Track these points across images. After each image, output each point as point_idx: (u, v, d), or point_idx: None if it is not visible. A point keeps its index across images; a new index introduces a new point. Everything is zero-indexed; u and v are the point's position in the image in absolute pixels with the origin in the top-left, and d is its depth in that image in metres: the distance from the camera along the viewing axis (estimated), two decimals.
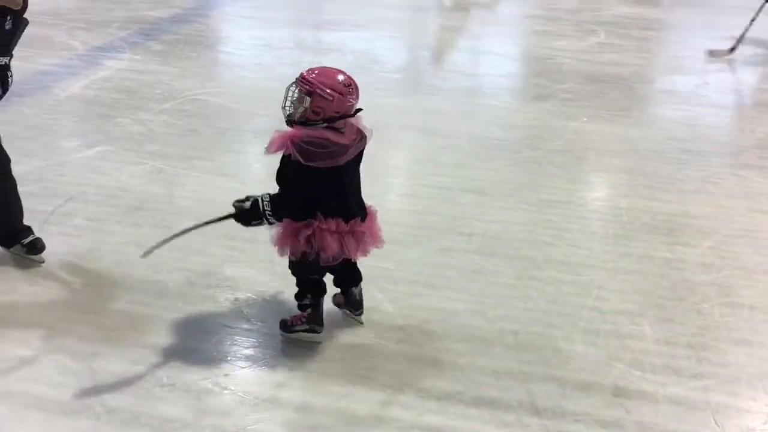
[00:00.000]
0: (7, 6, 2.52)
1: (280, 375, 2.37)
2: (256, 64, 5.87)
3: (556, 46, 6.46)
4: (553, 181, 3.89)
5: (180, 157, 3.93)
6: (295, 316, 2.54)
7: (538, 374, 2.41)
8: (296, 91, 2.22)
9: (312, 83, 2.20)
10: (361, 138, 2.36)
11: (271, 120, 4.52)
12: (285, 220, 2.30)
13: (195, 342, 2.51)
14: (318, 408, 2.23)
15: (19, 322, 2.56)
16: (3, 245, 2.94)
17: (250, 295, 2.77)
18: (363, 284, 2.62)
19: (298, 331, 2.52)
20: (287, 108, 2.25)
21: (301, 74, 2.24)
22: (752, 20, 6.06)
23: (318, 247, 2.28)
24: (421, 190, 3.76)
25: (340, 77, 2.26)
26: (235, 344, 2.53)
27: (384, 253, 3.06)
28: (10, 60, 2.74)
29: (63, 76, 5.10)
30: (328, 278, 2.56)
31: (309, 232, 2.27)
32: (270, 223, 2.29)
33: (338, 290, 2.64)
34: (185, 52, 5.89)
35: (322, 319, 2.51)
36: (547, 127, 4.68)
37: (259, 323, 2.62)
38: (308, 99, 2.20)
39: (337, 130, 2.26)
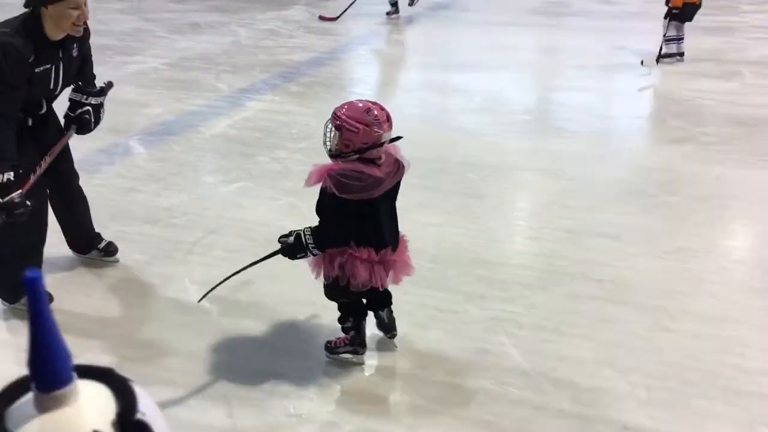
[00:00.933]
0: (71, 34, 2.65)
1: (406, 417, 2.38)
2: (385, 105, 6.02)
3: (697, 87, 6.18)
4: (691, 229, 3.69)
5: (313, 194, 4.06)
6: (339, 338, 2.62)
7: None
8: (331, 127, 2.33)
9: (340, 117, 2.30)
10: (398, 170, 2.40)
11: None
12: None
13: (320, 375, 2.57)
14: None
15: (162, 348, 2.73)
16: (81, 252, 3.26)
17: (374, 332, 2.81)
18: (488, 325, 2.61)
19: (341, 353, 2.61)
20: (327, 143, 2.36)
21: (334, 110, 2.34)
22: None
23: (349, 274, 2.38)
24: (549, 233, 3.69)
25: (366, 109, 2.32)
26: (358, 380, 2.57)
27: (510, 296, 3.03)
28: (88, 98, 2.92)
29: (209, 116, 5.46)
30: None
31: (342, 259, 2.38)
32: (314, 255, 2.40)
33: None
34: (320, 93, 6.16)
35: (364, 341, 2.61)
36: (685, 171, 4.47)
37: (382, 360, 2.65)
38: (338, 133, 2.30)
39: (372, 162, 2.32)
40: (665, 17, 6.74)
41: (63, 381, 0.66)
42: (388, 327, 2.72)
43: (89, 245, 3.26)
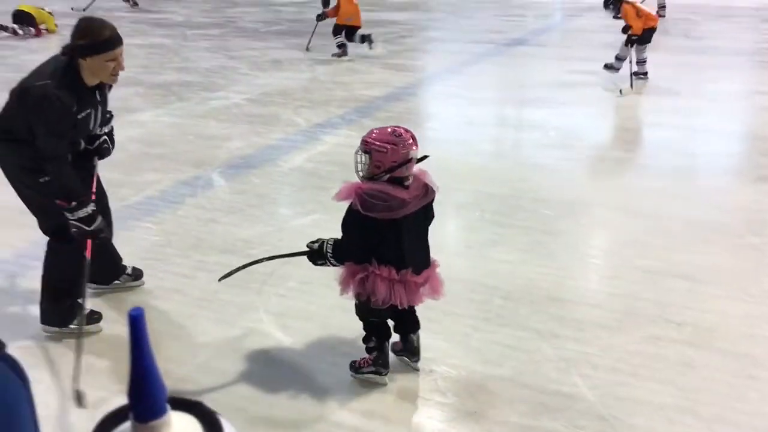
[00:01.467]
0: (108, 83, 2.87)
1: None
2: (460, 140, 6.04)
3: None
4: None
5: None
6: (363, 358, 2.70)
7: None
8: (361, 153, 2.45)
9: (368, 142, 2.44)
10: (426, 194, 2.49)
11: (470, 194, 4.64)
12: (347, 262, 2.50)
13: (392, 410, 2.56)
14: None
15: (236, 376, 2.79)
16: (106, 282, 3.31)
17: (445, 368, 2.78)
18: (562, 365, 2.55)
19: (365, 373, 2.68)
20: (359, 171, 2.48)
21: (362, 138, 2.47)
22: None
23: (369, 290, 2.46)
24: (626, 272, 3.59)
25: (391, 131, 2.46)
26: (431, 417, 2.55)
27: (585, 336, 2.96)
28: (101, 129, 3.03)
29: (287, 150, 5.61)
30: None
31: (363, 275, 2.47)
32: (332, 264, 2.53)
33: (397, 337, 2.75)
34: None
35: (387, 362, 2.67)
36: None
37: (453, 398, 2.63)
38: (368, 156, 2.43)
39: (401, 184, 2.43)
40: (626, 44, 7.52)
41: (159, 412, 0.71)
42: (414, 351, 2.76)
43: (114, 273, 3.35)
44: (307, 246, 2.59)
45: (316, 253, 2.55)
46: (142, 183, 4.82)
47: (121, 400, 0.72)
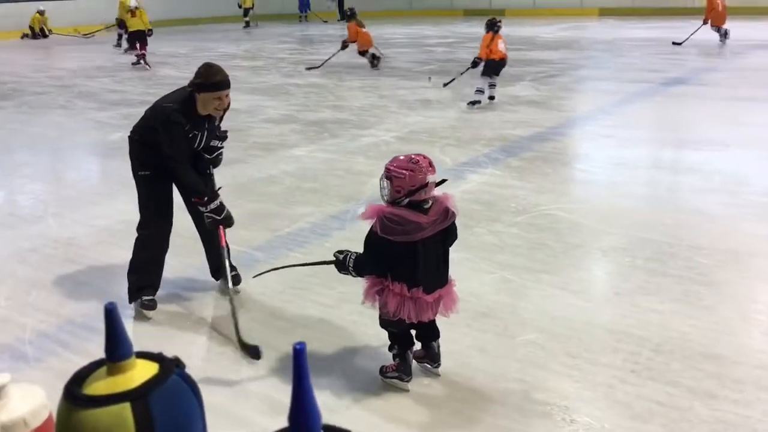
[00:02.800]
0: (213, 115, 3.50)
1: None
2: (610, 182, 5.83)
3: None
4: None
5: (528, 270, 4.05)
6: (391, 364, 2.93)
7: None
8: (384, 179, 2.70)
9: (389, 170, 2.69)
10: (445, 218, 2.71)
11: (621, 238, 4.45)
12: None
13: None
14: None
15: (383, 416, 2.83)
16: (214, 277, 3.87)
17: (587, 419, 2.67)
18: (718, 428, 2.36)
19: (390, 378, 2.91)
20: (384, 195, 2.71)
21: (385, 166, 2.72)
22: None
23: (382, 303, 2.75)
24: None
25: (409, 159, 2.71)
26: None
27: (745, 399, 2.74)
28: (221, 143, 3.73)
29: None
30: None
31: (379, 288, 2.75)
32: (353, 276, 2.80)
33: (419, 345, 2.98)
34: (542, 168, 6.15)
35: (410, 369, 2.90)
36: None
37: None
38: (389, 182, 2.67)
39: (420, 208, 2.66)
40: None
41: None
42: (434, 357, 2.97)
43: (216, 271, 3.87)
44: (335, 255, 2.84)
45: (341, 264, 2.81)
46: (294, 215, 5.07)
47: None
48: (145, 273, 3.61)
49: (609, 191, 5.57)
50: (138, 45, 14.11)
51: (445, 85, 9.77)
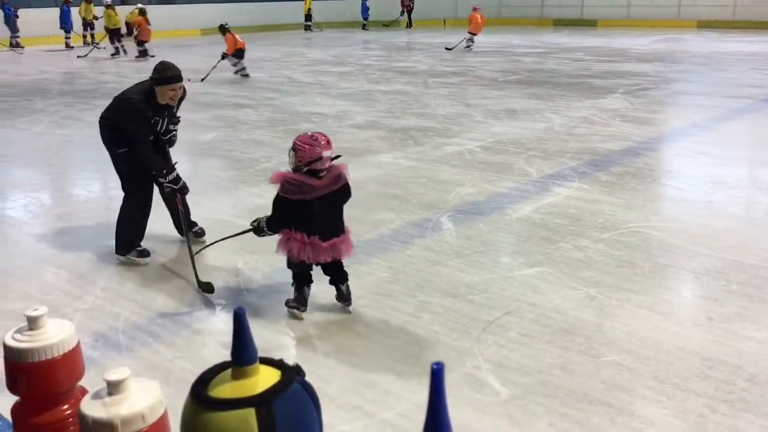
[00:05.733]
0: (169, 104, 4.25)
1: None
2: (704, 201, 5.58)
3: None
4: None
5: (614, 288, 3.92)
6: (292, 297, 3.59)
7: None
8: (291, 150, 3.35)
9: (295, 143, 3.33)
10: (337, 182, 3.37)
11: (715, 261, 4.25)
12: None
13: None
14: None
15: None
16: (178, 232, 4.69)
17: None
18: None
19: (290, 307, 3.57)
20: (290, 163, 3.36)
21: (293, 140, 3.36)
22: None
23: (288, 248, 3.40)
24: None
25: (310, 135, 3.35)
26: None
27: None
28: (175, 127, 4.52)
29: (516, 199, 5.60)
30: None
31: (285, 237, 3.41)
32: (269, 234, 3.49)
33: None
34: (631, 184, 5.95)
35: (306, 301, 3.57)
36: None
37: None
38: (294, 153, 3.32)
39: (316, 175, 3.32)
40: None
41: None
42: (345, 297, 3.61)
43: (179, 230, 4.64)
44: (251, 224, 3.56)
45: (258, 229, 3.50)
46: (377, 221, 5.10)
47: None
48: (134, 230, 4.38)
49: (703, 211, 5.33)
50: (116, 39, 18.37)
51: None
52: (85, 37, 20.89)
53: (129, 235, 4.38)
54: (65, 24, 20.37)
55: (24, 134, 8.71)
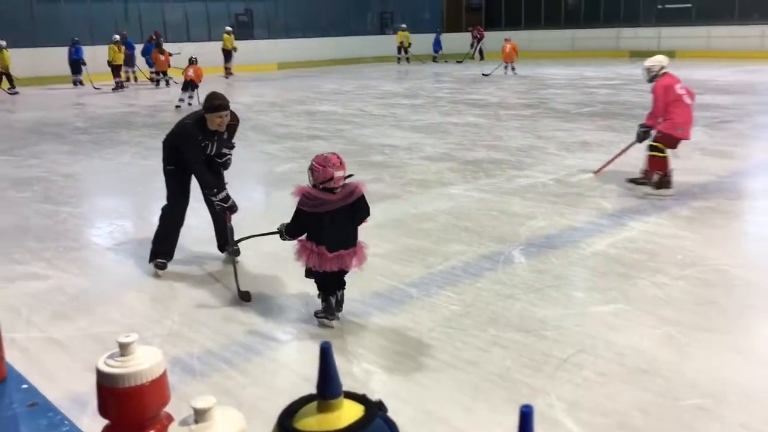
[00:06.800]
0: (218, 130, 4.70)
1: None
2: None
3: None
4: None
5: (695, 327, 3.77)
6: (320, 309, 3.89)
7: None
8: (309, 170, 3.71)
9: (312, 164, 3.69)
10: (350, 197, 3.66)
11: None
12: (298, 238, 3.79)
13: None
14: None
15: None
16: (220, 250, 5.17)
17: None
18: None
19: (320, 317, 3.87)
20: (310, 180, 3.70)
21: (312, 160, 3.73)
22: None
23: (300, 254, 3.74)
24: None
25: (325, 157, 3.68)
26: None
27: None
28: (229, 151, 4.99)
29: (590, 233, 5.48)
30: None
31: (300, 245, 3.76)
32: (288, 239, 3.85)
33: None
34: (713, 219, 5.75)
35: (333, 311, 3.85)
36: None
37: None
38: (311, 172, 3.68)
39: (330, 191, 3.64)
40: None
41: None
42: (340, 304, 3.90)
43: (221, 246, 5.13)
44: (278, 228, 3.89)
45: (281, 233, 3.86)
46: (448, 253, 5.08)
47: None
48: (164, 241, 4.85)
49: None
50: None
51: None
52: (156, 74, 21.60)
53: (159, 245, 4.88)
54: (149, 59, 21.29)
55: (110, 164, 9.13)
